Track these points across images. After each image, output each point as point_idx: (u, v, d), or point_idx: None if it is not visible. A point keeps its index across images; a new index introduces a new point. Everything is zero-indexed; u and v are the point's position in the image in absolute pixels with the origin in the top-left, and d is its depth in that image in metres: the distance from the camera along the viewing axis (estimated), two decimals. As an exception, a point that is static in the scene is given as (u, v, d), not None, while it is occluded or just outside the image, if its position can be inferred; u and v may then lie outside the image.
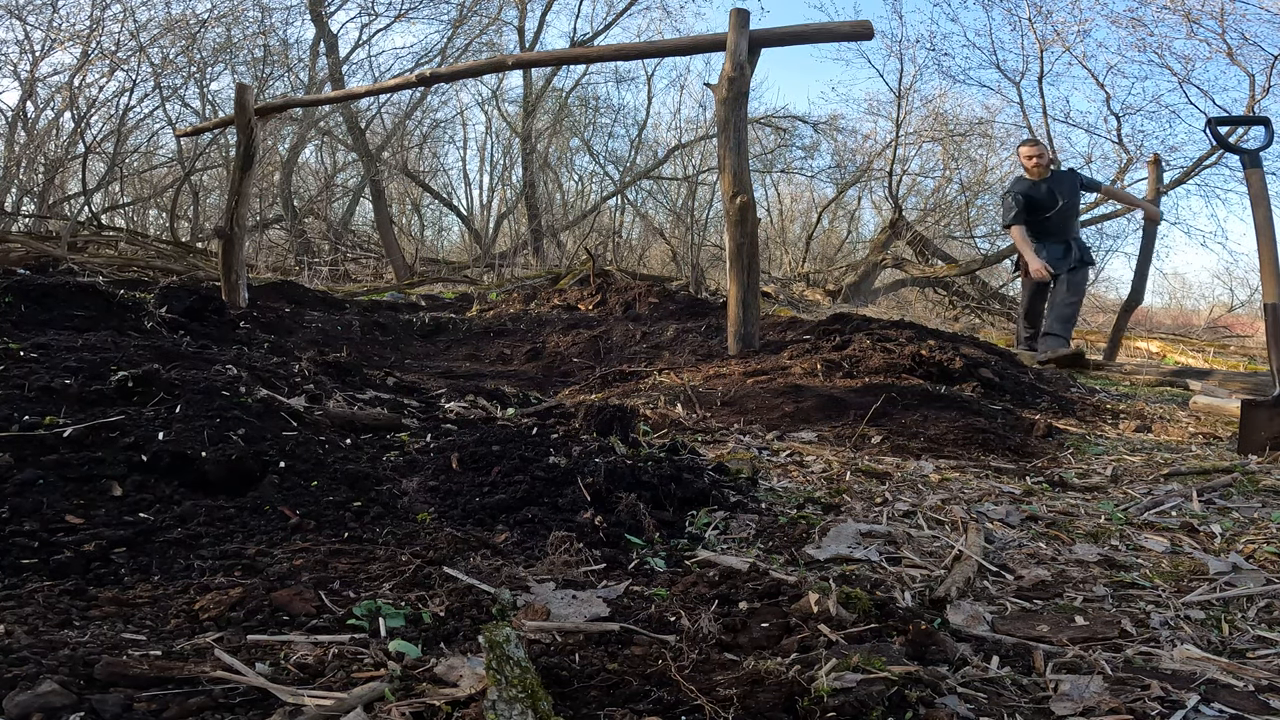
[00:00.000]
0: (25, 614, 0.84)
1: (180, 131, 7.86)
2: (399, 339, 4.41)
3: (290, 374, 1.97)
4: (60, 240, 7.84)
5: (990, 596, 1.16)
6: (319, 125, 12.95)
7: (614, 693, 0.78)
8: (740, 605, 1.00)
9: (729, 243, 3.64)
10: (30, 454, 1.23)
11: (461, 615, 0.93)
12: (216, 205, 12.98)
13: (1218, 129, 2.65)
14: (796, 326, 4.10)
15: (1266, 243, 2.39)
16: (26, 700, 0.65)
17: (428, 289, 8.35)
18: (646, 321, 4.60)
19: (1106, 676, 0.88)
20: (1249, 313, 14.01)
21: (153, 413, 1.42)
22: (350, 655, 0.81)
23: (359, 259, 12.80)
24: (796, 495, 1.66)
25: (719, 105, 3.66)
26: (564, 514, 1.33)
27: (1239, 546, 1.40)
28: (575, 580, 1.08)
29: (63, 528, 1.07)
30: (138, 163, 13.16)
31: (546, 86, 13.93)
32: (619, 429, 1.78)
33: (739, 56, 3.56)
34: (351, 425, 1.72)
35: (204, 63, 11.97)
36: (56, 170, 11.04)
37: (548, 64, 10.84)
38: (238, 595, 0.91)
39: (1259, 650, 0.99)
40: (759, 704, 0.75)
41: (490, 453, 1.53)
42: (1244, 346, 7.49)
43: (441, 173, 16.27)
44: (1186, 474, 1.95)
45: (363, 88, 6.21)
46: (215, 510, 1.18)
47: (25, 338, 1.87)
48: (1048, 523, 1.54)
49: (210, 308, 2.79)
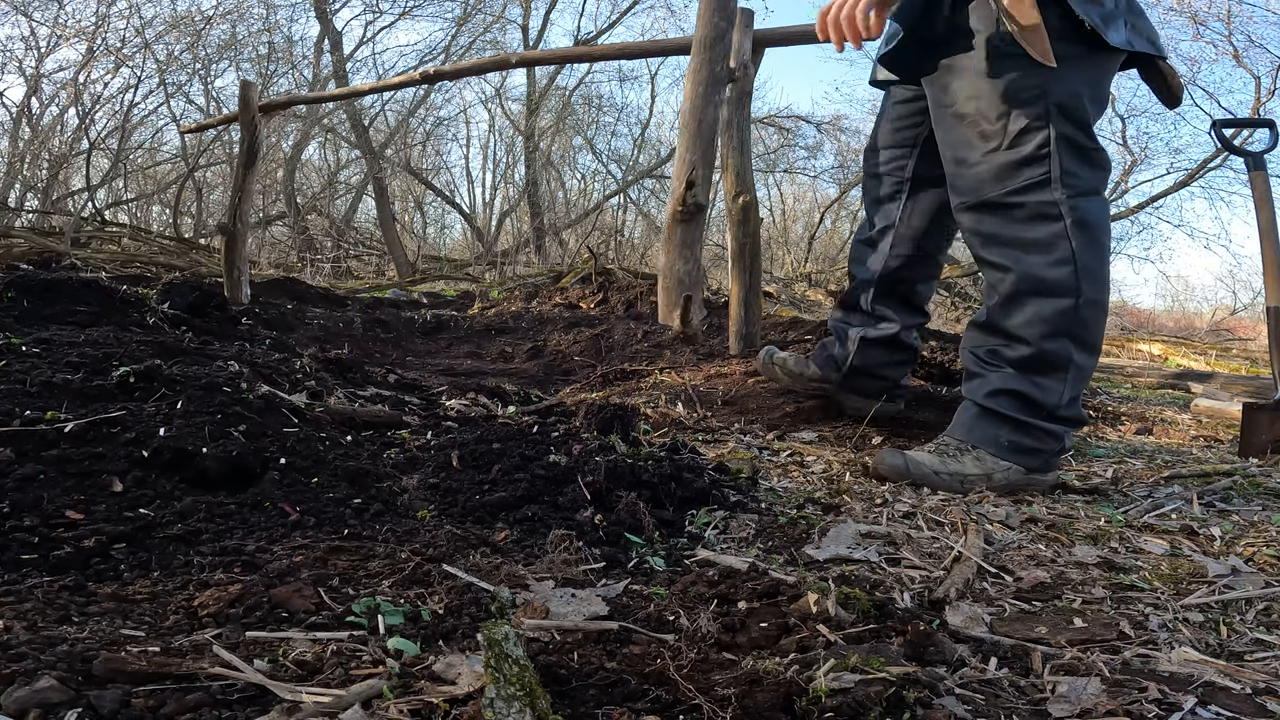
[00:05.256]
0: (24, 609, 0.85)
1: (184, 128, 7.87)
2: (400, 336, 4.41)
3: (292, 370, 1.97)
4: (64, 236, 7.85)
5: (989, 598, 1.16)
6: (322, 122, 12.96)
7: (612, 691, 0.78)
8: (739, 605, 1.00)
9: (731, 242, 3.64)
10: (31, 449, 1.24)
11: (460, 613, 0.93)
12: (220, 202, 13.01)
13: (1222, 131, 2.65)
14: (798, 327, 4.10)
15: (1270, 246, 2.38)
16: (25, 696, 0.66)
17: (430, 286, 8.35)
18: (648, 320, 4.60)
19: (1104, 678, 0.88)
20: (1251, 316, 13.99)
21: (154, 408, 1.42)
22: (349, 652, 0.81)
23: (361, 256, 12.81)
24: (796, 495, 1.66)
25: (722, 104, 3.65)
26: (564, 512, 1.33)
27: (1239, 549, 1.40)
28: (574, 579, 1.08)
29: (63, 523, 1.08)
30: (141, 159, 13.19)
31: (550, 85, 13.94)
32: (619, 428, 1.78)
33: (743, 55, 3.56)
34: (352, 422, 1.72)
35: (208, 60, 11.99)
36: (60, 166, 11.06)
37: (551, 62, 10.84)
38: (237, 592, 0.91)
39: (1257, 653, 0.99)
40: (757, 704, 0.75)
41: (491, 450, 1.53)
42: (1246, 350, 7.48)
43: (444, 170, 16.29)
44: (1187, 477, 1.95)
45: (366, 85, 6.21)
46: (215, 506, 1.18)
47: (28, 333, 1.88)
48: (1047, 525, 1.54)
49: (212, 304, 2.79)
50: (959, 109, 1.81)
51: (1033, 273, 1.76)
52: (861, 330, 2.25)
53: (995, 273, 1.82)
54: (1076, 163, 1.75)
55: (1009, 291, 1.78)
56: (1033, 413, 1.78)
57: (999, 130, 1.75)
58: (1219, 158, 11.87)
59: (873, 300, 2.23)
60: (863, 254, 2.26)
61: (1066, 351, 1.76)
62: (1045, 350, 1.76)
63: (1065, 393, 1.78)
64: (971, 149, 1.80)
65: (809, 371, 2.33)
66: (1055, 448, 1.80)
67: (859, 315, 2.28)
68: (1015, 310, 1.79)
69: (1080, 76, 1.74)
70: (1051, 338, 1.75)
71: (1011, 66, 1.72)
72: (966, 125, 1.80)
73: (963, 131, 1.81)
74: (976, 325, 1.89)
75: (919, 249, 2.19)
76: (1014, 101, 1.73)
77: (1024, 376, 1.78)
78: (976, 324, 1.89)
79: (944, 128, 1.87)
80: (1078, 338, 1.77)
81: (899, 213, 2.17)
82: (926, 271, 2.24)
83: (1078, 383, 1.79)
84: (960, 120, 1.81)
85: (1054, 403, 1.77)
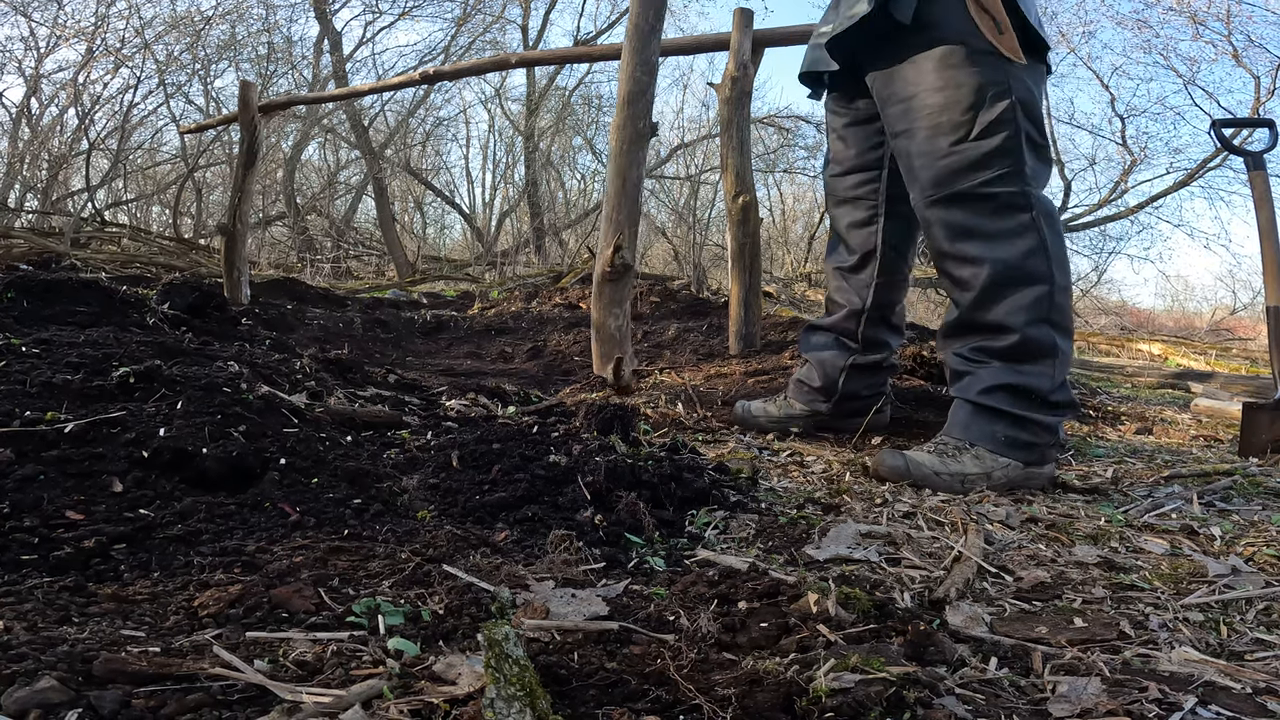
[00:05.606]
0: (24, 610, 0.85)
1: (184, 128, 7.87)
2: (400, 336, 4.41)
3: (291, 371, 1.97)
4: (63, 236, 7.86)
5: (989, 598, 1.16)
6: (322, 123, 12.96)
7: (612, 691, 0.78)
8: (739, 605, 1.00)
9: (731, 242, 3.64)
10: (31, 449, 1.24)
11: (461, 613, 0.93)
12: (219, 202, 13.01)
13: (1222, 131, 2.65)
14: (798, 326, 4.10)
15: (1270, 245, 2.38)
16: (25, 696, 0.66)
17: (429, 287, 8.36)
18: (648, 320, 4.60)
19: (1104, 678, 0.88)
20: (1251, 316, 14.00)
21: (154, 409, 1.42)
22: (349, 653, 0.81)
23: (361, 256, 12.81)
24: (796, 495, 1.66)
25: (722, 104, 3.65)
26: (564, 512, 1.33)
27: (1239, 549, 1.40)
28: (575, 579, 1.08)
29: (63, 524, 1.08)
30: (141, 159, 13.19)
31: (550, 85, 13.93)
32: (619, 428, 1.78)
33: (743, 56, 3.56)
34: (352, 422, 1.72)
35: (208, 60, 11.99)
36: (60, 167, 11.06)
37: (551, 62, 10.84)
38: (237, 592, 0.91)
39: (1257, 653, 0.99)
40: (757, 704, 0.75)
41: (491, 451, 1.53)
42: (1246, 349, 7.48)
43: (444, 171, 16.29)
44: (1187, 476, 1.95)
45: (366, 85, 6.21)
46: (215, 507, 1.18)
47: (27, 333, 1.88)
48: (1048, 524, 1.54)
49: (212, 304, 2.79)
50: (924, 100, 1.82)
51: (1009, 262, 1.78)
52: (851, 358, 2.25)
53: (966, 267, 1.82)
54: (1034, 157, 1.80)
55: (985, 284, 1.80)
56: (1027, 404, 1.79)
57: (968, 121, 1.77)
58: (1219, 157, 11.88)
59: (863, 329, 2.23)
60: (846, 282, 2.23)
61: (1050, 337, 1.79)
62: (1030, 337, 1.78)
63: (1055, 376, 1.80)
64: (939, 139, 1.80)
65: (795, 411, 2.31)
66: (1050, 440, 1.82)
67: (845, 343, 2.26)
68: (994, 302, 1.80)
69: (1032, 79, 1.81)
70: (1034, 324, 1.78)
71: (982, 61, 1.76)
72: (933, 115, 1.81)
73: (929, 121, 1.82)
74: (953, 327, 1.89)
75: (900, 271, 2.22)
76: (984, 94, 1.76)
77: (1013, 368, 1.80)
78: (953, 325, 1.89)
79: (905, 120, 1.87)
80: (1056, 323, 1.80)
81: (878, 237, 2.17)
82: (903, 292, 2.27)
83: (1063, 367, 1.82)
84: (926, 111, 1.82)
85: (1046, 388, 1.79)
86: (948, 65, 1.78)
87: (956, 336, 1.89)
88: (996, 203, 1.78)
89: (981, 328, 1.83)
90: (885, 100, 1.92)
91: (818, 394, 2.29)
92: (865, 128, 2.13)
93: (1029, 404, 1.79)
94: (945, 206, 1.83)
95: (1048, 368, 1.79)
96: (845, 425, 2.32)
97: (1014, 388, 1.79)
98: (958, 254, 1.83)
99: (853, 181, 2.18)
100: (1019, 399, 1.79)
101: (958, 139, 1.78)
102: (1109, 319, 13.03)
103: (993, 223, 1.79)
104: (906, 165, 1.89)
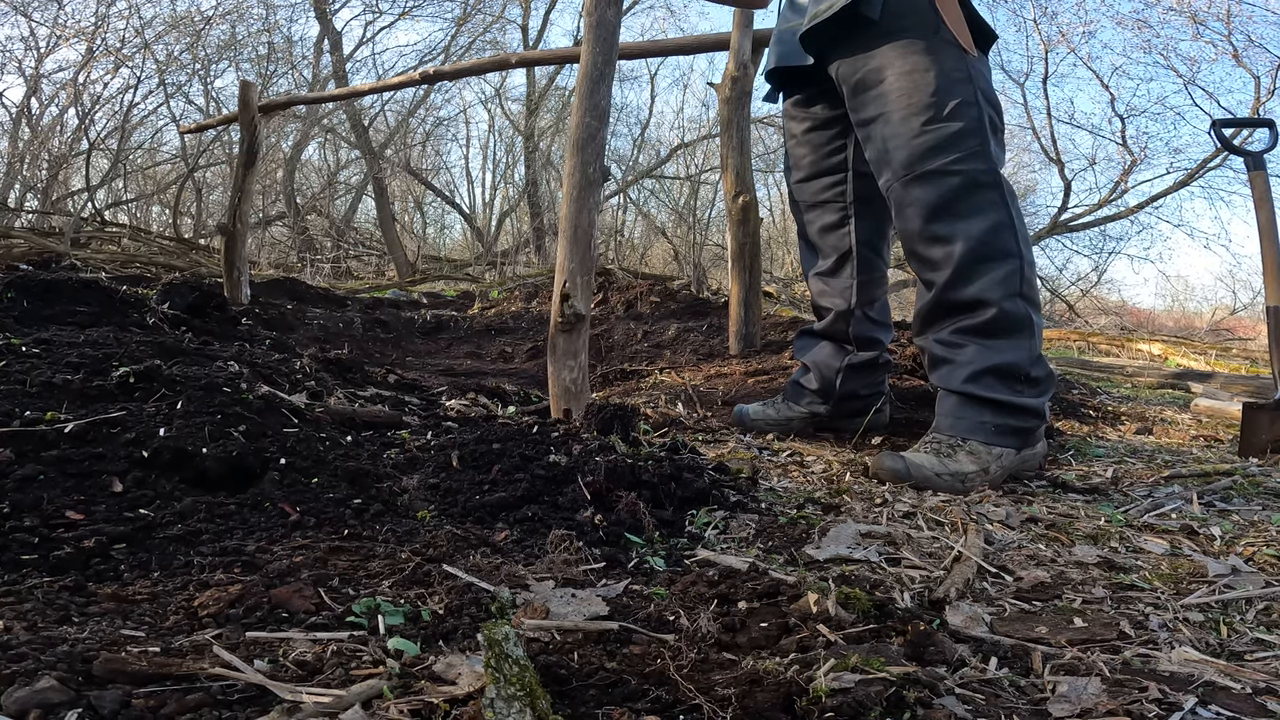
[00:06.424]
0: (24, 610, 0.85)
1: (184, 128, 7.87)
2: (400, 336, 4.41)
3: (291, 371, 1.97)
4: (63, 236, 7.86)
5: (989, 598, 1.16)
6: (322, 123, 12.96)
7: (612, 691, 0.78)
8: (739, 605, 1.00)
9: (731, 242, 3.64)
10: (31, 449, 1.24)
11: (461, 613, 0.93)
12: (219, 202, 13.01)
13: (1222, 131, 2.65)
14: (798, 326, 4.10)
15: (1270, 245, 2.39)
16: (25, 696, 0.66)
17: (429, 287, 8.36)
18: (648, 320, 4.60)
19: (1104, 678, 0.88)
20: (1251, 316, 13.99)
21: (154, 409, 1.42)
22: (349, 652, 0.81)
23: (361, 256, 12.81)
24: (796, 495, 1.66)
25: (722, 104, 3.66)
26: (564, 512, 1.33)
27: (1239, 549, 1.40)
28: (575, 579, 1.08)
29: (63, 524, 1.08)
30: (141, 159, 13.19)
31: (550, 85, 13.93)
32: (619, 428, 1.78)
33: (743, 56, 3.56)
34: (352, 422, 1.72)
35: (208, 60, 11.99)
36: (60, 166, 11.06)
37: (551, 62, 10.84)
38: (237, 592, 0.91)
39: (1257, 653, 0.99)
40: (757, 704, 0.75)
41: (491, 451, 1.53)
42: (1246, 349, 7.48)
43: (444, 171, 16.29)
44: (1187, 476, 1.95)
45: (366, 85, 6.21)
46: (215, 507, 1.18)
47: (27, 333, 1.88)
48: (1048, 524, 1.54)
49: (212, 304, 2.79)
50: (895, 84, 1.89)
51: (981, 238, 1.83)
52: (846, 358, 2.30)
53: (939, 247, 1.86)
54: (994, 140, 1.88)
55: (959, 261, 1.84)
56: (1010, 386, 1.83)
57: (937, 103, 1.85)
58: (1219, 157, 11.86)
59: (853, 330, 2.28)
60: (826, 287, 2.30)
61: (1024, 310, 1.84)
62: (1007, 310, 1.82)
63: (1032, 349, 1.85)
64: (912, 120, 1.87)
65: (795, 413, 2.35)
66: (1037, 423, 1.88)
67: (838, 344, 2.32)
68: (967, 280, 1.84)
69: (985, 67, 1.93)
70: (1010, 298, 1.83)
71: (945, 50, 1.86)
72: (904, 97, 1.88)
73: (901, 103, 1.88)
74: (930, 310, 1.92)
75: (877, 267, 2.27)
76: (951, 79, 1.85)
77: (992, 348, 1.84)
78: (929, 309, 1.92)
79: (878, 105, 1.92)
80: (1028, 297, 1.85)
81: (852, 237, 2.23)
82: (883, 287, 2.32)
83: (1038, 340, 1.87)
84: (897, 93, 1.89)
85: (1025, 362, 1.83)
86: (915, 52, 1.87)
87: (934, 320, 1.92)
88: (967, 179, 1.84)
89: (958, 306, 1.87)
90: (855, 88, 1.97)
91: (816, 396, 2.32)
92: (824, 132, 2.21)
93: (1012, 385, 1.84)
94: (920, 184, 1.87)
95: (1025, 340, 1.84)
96: (845, 426, 2.33)
97: (996, 369, 1.83)
98: (931, 234, 1.87)
99: (819, 186, 2.25)
100: (1002, 380, 1.83)
101: (928, 119, 1.85)
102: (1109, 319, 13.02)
103: (964, 199, 1.84)
104: (879, 149, 1.94)
